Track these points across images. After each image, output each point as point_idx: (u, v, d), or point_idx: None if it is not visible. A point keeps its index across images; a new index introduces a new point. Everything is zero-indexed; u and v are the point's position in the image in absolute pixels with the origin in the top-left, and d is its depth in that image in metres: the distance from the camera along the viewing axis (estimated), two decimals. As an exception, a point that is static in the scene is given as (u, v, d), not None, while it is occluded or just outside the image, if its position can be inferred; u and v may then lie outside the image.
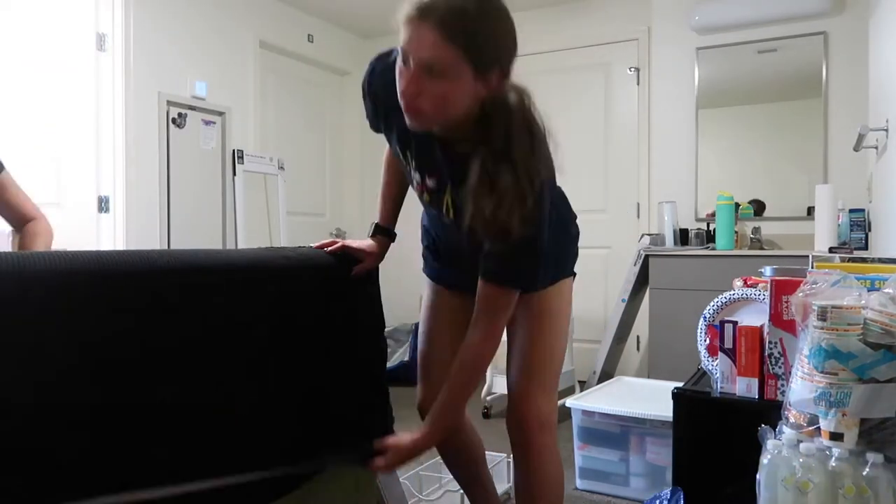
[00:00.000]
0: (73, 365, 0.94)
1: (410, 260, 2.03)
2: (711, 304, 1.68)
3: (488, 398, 3.64)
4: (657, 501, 1.61)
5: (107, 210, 3.50)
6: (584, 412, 2.59)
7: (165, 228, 3.74)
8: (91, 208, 3.49)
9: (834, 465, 1.14)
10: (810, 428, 1.20)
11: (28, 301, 0.89)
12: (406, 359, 4.53)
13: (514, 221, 1.14)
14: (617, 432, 2.53)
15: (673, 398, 1.59)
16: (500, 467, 2.56)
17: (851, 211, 3.44)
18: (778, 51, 3.88)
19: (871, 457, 1.13)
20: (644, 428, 2.47)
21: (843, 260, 1.48)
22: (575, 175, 4.53)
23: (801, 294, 1.25)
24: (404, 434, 1.41)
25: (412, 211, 1.67)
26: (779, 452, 1.20)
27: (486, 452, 2.68)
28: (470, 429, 1.76)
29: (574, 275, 1.65)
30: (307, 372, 1.36)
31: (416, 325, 4.89)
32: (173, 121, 3.80)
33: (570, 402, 2.63)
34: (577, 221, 1.69)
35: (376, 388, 1.55)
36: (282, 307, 1.30)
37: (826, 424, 1.16)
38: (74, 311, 0.94)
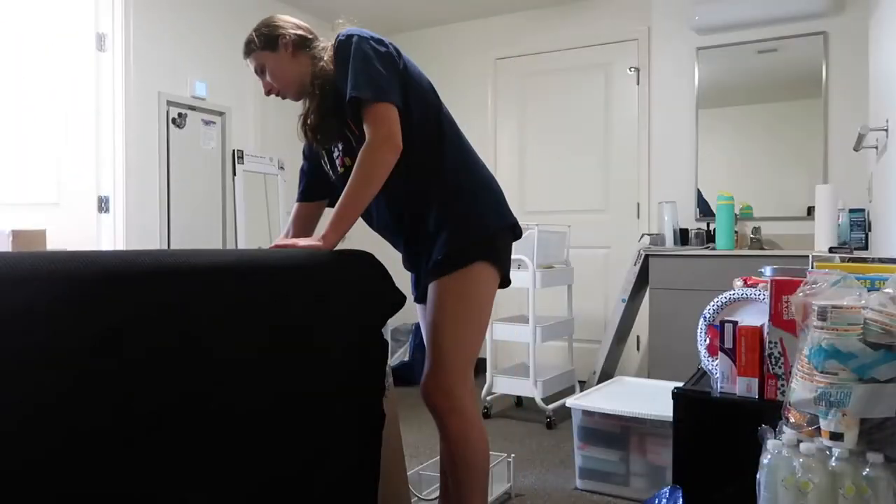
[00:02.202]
0: (72, 366, 0.94)
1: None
2: (711, 304, 1.68)
3: (488, 398, 3.65)
4: (657, 501, 1.61)
5: (107, 210, 3.50)
6: (584, 412, 2.59)
7: (165, 228, 3.74)
8: (91, 208, 3.49)
9: (834, 465, 1.14)
10: (810, 428, 1.20)
11: (27, 301, 0.89)
12: (406, 359, 4.54)
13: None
14: (617, 432, 2.53)
15: (673, 398, 1.59)
16: (501, 467, 2.56)
17: (851, 211, 3.44)
18: (778, 51, 3.88)
19: (871, 457, 1.13)
20: (644, 428, 2.47)
21: (843, 260, 1.48)
22: (575, 175, 4.58)
23: (801, 294, 1.25)
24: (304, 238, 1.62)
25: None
26: (779, 452, 1.20)
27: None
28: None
29: (490, 262, 1.67)
30: (309, 377, 1.36)
31: (416, 325, 4.90)
32: (173, 121, 3.80)
33: (570, 402, 2.63)
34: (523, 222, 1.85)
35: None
36: (291, 308, 1.30)
37: (826, 424, 1.16)
38: (74, 311, 0.94)
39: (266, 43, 1.74)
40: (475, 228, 1.67)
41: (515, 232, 1.78)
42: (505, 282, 1.76)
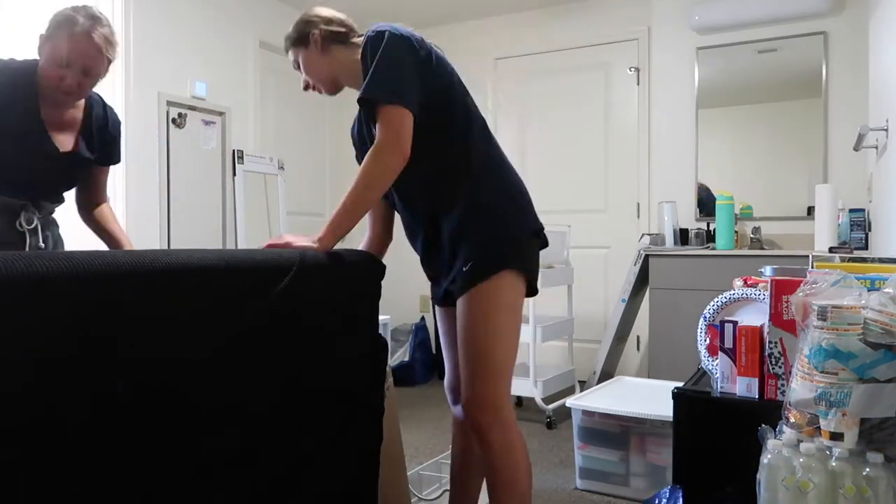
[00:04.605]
0: (72, 366, 0.94)
1: (410, 260, 2.03)
2: (711, 304, 1.68)
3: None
4: (657, 501, 1.61)
5: (107, 210, 3.49)
6: (584, 412, 2.59)
7: (165, 228, 3.74)
8: (91, 208, 3.48)
9: (834, 464, 1.14)
10: (810, 428, 1.20)
11: (27, 301, 0.89)
12: (406, 359, 4.54)
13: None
14: (617, 432, 2.53)
15: (673, 398, 1.59)
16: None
17: (851, 211, 3.45)
18: (778, 51, 3.88)
19: (871, 457, 1.13)
20: (644, 428, 2.47)
21: (843, 260, 1.48)
22: (575, 175, 4.58)
23: (801, 294, 1.25)
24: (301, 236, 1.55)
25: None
26: (779, 452, 1.20)
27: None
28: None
29: (517, 271, 1.60)
30: (308, 375, 1.36)
31: (415, 325, 4.89)
32: (173, 121, 3.80)
33: (570, 402, 2.63)
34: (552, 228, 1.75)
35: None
36: (288, 308, 1.30)
37: (826, 424, 1.16)
38: (74, 311, 0.94)
39: (297, 39, 1.77)
40: (502, 236, 1.60)
41: (541, 238, 1.71)
42: (532, 290, 1.67)
